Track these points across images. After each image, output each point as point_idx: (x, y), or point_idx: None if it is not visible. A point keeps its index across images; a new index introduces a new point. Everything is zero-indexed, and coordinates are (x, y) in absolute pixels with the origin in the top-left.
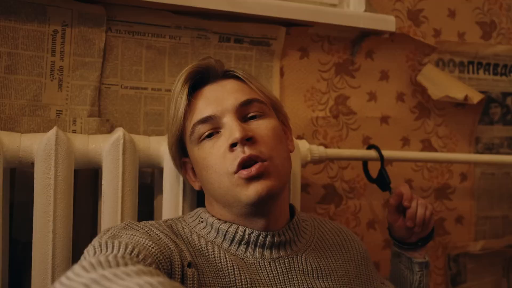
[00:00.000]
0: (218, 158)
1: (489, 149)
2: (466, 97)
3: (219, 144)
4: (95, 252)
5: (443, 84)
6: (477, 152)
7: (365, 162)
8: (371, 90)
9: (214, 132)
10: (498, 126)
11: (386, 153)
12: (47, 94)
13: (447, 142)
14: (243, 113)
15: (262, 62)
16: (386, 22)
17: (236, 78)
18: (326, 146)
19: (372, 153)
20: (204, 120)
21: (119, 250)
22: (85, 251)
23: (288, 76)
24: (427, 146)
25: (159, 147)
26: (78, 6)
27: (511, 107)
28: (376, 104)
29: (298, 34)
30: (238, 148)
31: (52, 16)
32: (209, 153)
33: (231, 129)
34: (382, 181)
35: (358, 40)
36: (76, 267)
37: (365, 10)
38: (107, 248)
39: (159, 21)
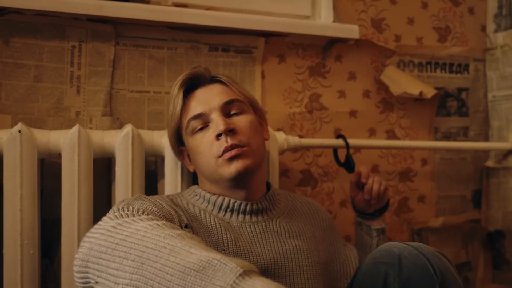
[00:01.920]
0: (207, 146)
1: (447, 137)
2: (421, 93)
3: (208, 135)
4: (114, 214)
5: (402, 82)
6: (436, 140)
7: (335, 149)
8: (340, 88)
9: (204, 126)
10: (454, 117)
11: (353, 141)
12: (67, 98)
13: (409, 132)
14: (227, 110)
15: (246, 67)
16: (351, 31)
17: (221, 82)
18: (302, 137)
19: (340, 141)
20: (196, 117)
21: (133, 211)
22: (107, 215)
23: (268, 78)
24: (391, 135)
25: (161, 140)
26: (91, 25)
27: (466, 100)
28: (345, 101)
29: (276, 43)
30: (222, 138)
31: (70, 34)
32: (200, 142)
33: (217, 123)
34: (348, 165)
35: (328, 46)
36: (104, 218)
37: (334, 21)
38: (123, 211)
39: (158, 35)
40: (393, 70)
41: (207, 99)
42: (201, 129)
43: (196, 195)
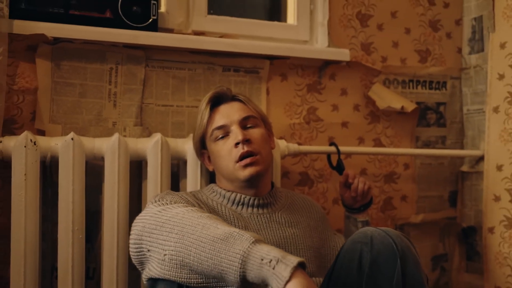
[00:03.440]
0: (227, 151)
1: (426, 145)
2: (402, 107)
3: (228, 143)
4: (156, 203)
5: (387, 98)
6: (417, 147)
7: (328, 155)
8: (334, 103)
9: (225, 135)
10: (433, 128)
11: (345, 148)
12: (106, 111)
13: (393, 140)
14: (244, 124)
15: (254, 85)
16: (343, 54)
17: (240, 101)
18: (300, 144)
19: (333, 148)
20: (219, 127)
21: (167, 201)
22: (148, 205)
23: (272, 94)
24: (378, 143)
25: (184, 146)
26: (126, 51)
27: (444, 113)
28: (338, 113)
29: (279, 64)
30: (240, 146)
31: (109, 58)
32: (221, 148)
33: (236, 134)
34: (339, 168)
35: (323, 67)
36: (149, 206)
37: (328, 45)
38: (161, 201)
39: (180, 59)
40: (379, 87)
41: (229, 114)
42: (222, 137)
43: (213, 192)
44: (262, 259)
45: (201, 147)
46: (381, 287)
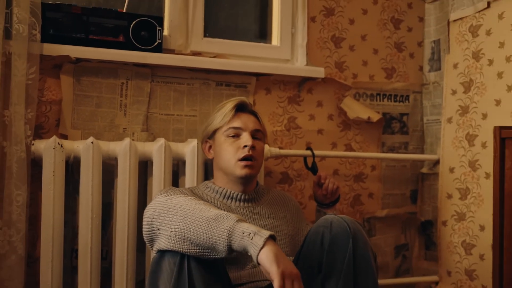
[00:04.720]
0: (235, 149)
1: (391, 150)
2: (369, 117)
3: (238, 143)
4: (162, 195)
5: (356, 109)
6: (383, 152)
7: (304, 157)
8: (311, 113)
9: (236, 136)
10: (397, 135)
11: (320, 152)
12: (117, 119)
13: (362, 145)
14: (254, 134)
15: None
16: (319, 72)
17: (255, 116)
18: (281, 148)
19: (308, 152)
20: (236, 128)
21: (171, 194)
22: (156, 197)
23: (258, 105)
24: (348, 148)
25: (183, 149)
26: (135, 69)
27: (406, 122)
28: (315, 122)
29: (264, 80)
30: (246, 149)
31: (120, 74)
32: (229, 145)
33: (247, 138)
34: (313, 169)
35: (302, 82)
36: (157, 196)
37: (307, 64)
38: (166, 193)
39: (180, 75)
40: (350, 100)
41: (246, 122)
42: (233, 136)
43: (208, 188)
44: (243, 233)
45: (208, 137)
46: (337, 261)
